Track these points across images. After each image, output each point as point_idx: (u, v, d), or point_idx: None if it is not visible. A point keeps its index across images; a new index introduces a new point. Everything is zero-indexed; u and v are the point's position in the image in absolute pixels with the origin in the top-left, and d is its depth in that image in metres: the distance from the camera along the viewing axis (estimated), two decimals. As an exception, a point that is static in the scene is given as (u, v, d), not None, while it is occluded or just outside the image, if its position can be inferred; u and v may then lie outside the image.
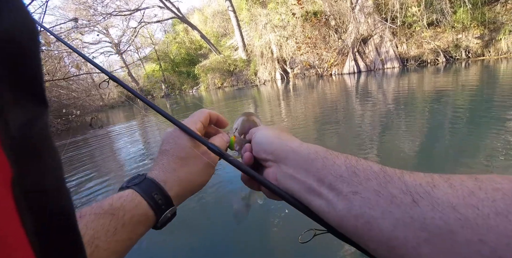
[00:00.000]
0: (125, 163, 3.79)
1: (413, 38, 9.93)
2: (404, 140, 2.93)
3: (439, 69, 8.26)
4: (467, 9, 8.59)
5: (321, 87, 8.64)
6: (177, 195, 0.38)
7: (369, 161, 0.27)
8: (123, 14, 18.14)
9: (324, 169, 0.28)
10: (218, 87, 16.46)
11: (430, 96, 4.84)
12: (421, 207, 0.21)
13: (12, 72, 0.13)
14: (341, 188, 0.26)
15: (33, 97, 0.14)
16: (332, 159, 0.29)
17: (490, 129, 2.84)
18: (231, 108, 7.52)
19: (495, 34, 8.56)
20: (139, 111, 12.66)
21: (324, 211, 0.27)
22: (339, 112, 4.73)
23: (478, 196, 0.20)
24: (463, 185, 0.21)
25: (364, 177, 0.25)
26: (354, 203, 0.24)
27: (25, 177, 0.13)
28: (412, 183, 0.23)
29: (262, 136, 0.38)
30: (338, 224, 0.26)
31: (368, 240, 0.23)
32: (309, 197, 0.29)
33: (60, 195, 0.16)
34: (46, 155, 0.15)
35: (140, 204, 0.35)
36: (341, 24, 11.43)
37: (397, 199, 0.22)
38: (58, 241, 0.15)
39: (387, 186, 0.24)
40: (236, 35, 16.54)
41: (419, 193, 0.22)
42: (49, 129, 0.16)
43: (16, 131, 0.13)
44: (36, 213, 0.14)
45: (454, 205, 0.20)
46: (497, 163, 2.15)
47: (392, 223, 0.22)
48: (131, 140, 5.65)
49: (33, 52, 0.14)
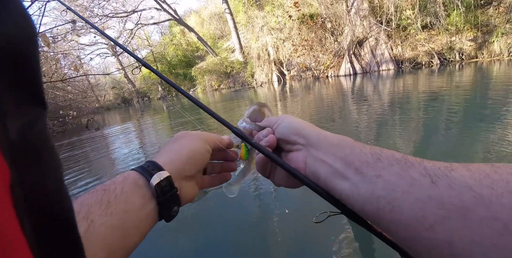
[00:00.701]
0: (121, 163, 3.78)
1: (408, 40, 10.05)
2: (400, 140, 2.97)
3: (434, 71, 8.37)
4: (460, 12, 8.72)
5: (318, 89, 8.70)
6: (168, 161, 0.38)
7: (391, 150, 0.29)
8: (120, 16, 18.13)
9: (351, 155, 0.30)
10: (215, 89, 16.48)
11: (425, 98, 4.90)
12: (439, 187, 0.22)
13: (11, 73, 0.13)
14: (366, 171, 0.28)
15: (32, 99, 0.14)
16: (359, 147, 0.31)
17: (483, 129, 2.89)
18: (227, 110, 7.53)
19: (488, 36, 8.70)
20: (136, 114, 12.63)
21: (348, 194, 0.29)
22: (336, 113, 4.78)
23: (493, 177, 0.21)
24: (480, 169, 0.22)
25: (387, 163, 0.27)
26: (377, 185, 0.26)
27: (24, 178, 0.13)
28: (431, 167, 0.24)
29: (294, 121, 0.40)
30: (360, 207, 0.27)
31: (389, 221, 0.25)
32: (334, 180, 0.31)
33: (60, 196, 0.16)
34: (46, 156, 0.15)
35: (130, 175, 0.35)
36: (337, 27, 11.54)
37: (416, 181, 0.24)
38: (57, 242, 0.15)
39: (408, 170, 0.25)
40: (233, 37, 16.60)
41: (438, 175, 0.23)
42: (48, 130, 0.16)
43: (15, 132, 0.13)
44: (36, 214, 0.14)
45: (471, 185, 0.21)
46: (490, 161, 2.19)
47: (412, 202, 0.23)
48: (127, 141, 5.63)
49: (32, 53, 0.14)
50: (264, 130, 0.42)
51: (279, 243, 1.58)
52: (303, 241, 1.57)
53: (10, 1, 0.13)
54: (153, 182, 0.34)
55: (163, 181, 0.35)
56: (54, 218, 0.15)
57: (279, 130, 0.40)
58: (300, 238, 1.60)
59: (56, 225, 0.15)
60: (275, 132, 0.41)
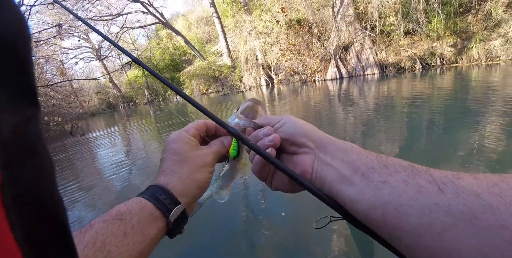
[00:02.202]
0: (106, 167, 3.69)
1: (392, 46, 10.35)
2: (385, 141, 3.04)
3: (416, 76, 8.64)
4: (441, 19, 9.07)
5: (305, 93, 8.81)
6: (181, 192, 0.38)
7: (397, 158, 0.29)
8: (105, 19, 17.81)
9: (358, 160, 0.30)
10: (203, 93, 16.39)
11: (408, 101, 5.04)
12: (446, 194, 0.22)
13: (4, 71, 0.13)
14: (372, 177, 0.28)
15: (26, 97, 0.14)
16: (365, 153, 0.31)
17: (463, 130, 3.01)
18: (215, 113, 7.48)
19: (467, 42, 9.08)
20: (121, 119, 12.38)
21: (353, 199, 0.28)
22: (323, 116, 4.84)
23: (501, 186, 0.21)
24: (487, 178, 0.22)
25: (393, 169, 0.27)
26: (383, 191, 0.26)
27: (16, 180, 0.13)
28: (438, 175, 0.24)
29: (300, 122, 0.38)
30: (365, 213, 0.27)
31: (394, 228, 0.24)
32: (340, 186, 0.30)
33: (53, 199, 0.16)
34: (39, 156, 0.15)
35: (146, 206, 0.35)
36: (323, 32, 11.75)
37: (423, 188, 0.24)
38: (50, 246, 0.15)
39: (414, 177, 0.25)
40: (221, 41, 16.60)
41: (445, 182, 0.23)
42: (41, 131, 0.15)
43: (8, 131, 0.12)
44: (28, 217, 0.13)
45: (478, 193, 0.21)
46: (471, 159, 2.29)
47: (419, 209, 0.23)
48: (112, 145, 5.51)
49: (25, 52, 0.14)
50: (265, 128, 0.39)
51: (277, 250, 1.56)
52: (302, 248, 1.55)
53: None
54: (171, 219, 0.36)
55: (179, 216, 0.36)
56: (47, 219, 0.15)
57: (285, 130, 0.38)
58: (299, 244, 1.57)
59: (49, 226, 0.15)
60: (277, 131, 0.39)
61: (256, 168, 0.39)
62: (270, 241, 1.63)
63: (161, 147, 4.68)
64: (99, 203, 2.64)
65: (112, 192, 2.92)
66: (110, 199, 2.68)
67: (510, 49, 8.15)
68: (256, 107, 0.48)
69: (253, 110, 0.48)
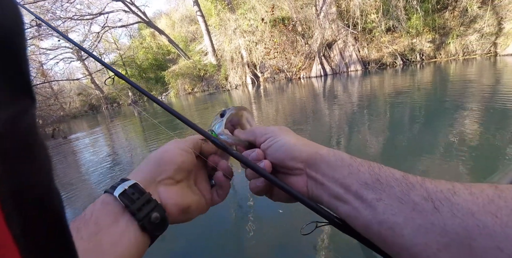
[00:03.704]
0: (91, 170, 3.61)
1: (373, 42, 10.56)
2: (370, 136, 3.11)
3: (397, 71, 8.86)
4: (419, 16, 9.34)
5: (291, 91, 8.87)
6: (135, 171, 0.36)
7: (391, 168, 0.28)
8: (85, 18, 17.32)
9: (349, 176, 0.29)
10: (188, 93, 16.21)
11: (390, 96, 5.17)
12: (442, 213, 0.22)
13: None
14: (366, 195, 0.27)
15: (21, 89, 0.14)
16: (356, 166, 0.30)
17: (443, 122, 3.12)
18: (201, 112, 7.46)
19: (444, 38, 9.39)
20: (105, 120, 12.09)
21: (350, 216, 0.28)
22: (309, 113, 4.90)
23: (498, 204, 0.20)
24: (483, 193, 0.22)
25: (386, 184, 0.26)
26: (378, 209, 0.25)
27: (12, 175, 0.13)
28: (433, 190, 0.24)
29: (287, 141, 0.36)
30: (363, 230, 0.27)
31: (391, 245, 0.24)
32: (335, 203, 0.30)
33: (50, 194, 0.15)
34: (36, 150, 0.14)
35: (100, 197, 0.33)
36: (307, 30, 11.85)
37: (418, 206, 0.23)
38: (47, 242, 0.15)
39: (409, 193, 0.24)
40: (205, 40, 16.47)
41: (440, 199, 0.23)
42: (37, 125, 0.15)
43: (2, 123, 0.12)
44: (25, 212, 0.13)
45: (474, 212, 0.20)
46: (451, 149, 2.38)
47: (414, 229, 0.23)
48: (95, 147, 5.38)
49: (20, 42, 0.14)
50: (253, 152, 0.38)
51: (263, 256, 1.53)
52: (290, 253, 1.52)
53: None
54: (116, 193, 0.32)
55: (129, 189, 0.33)
56: (44, 214, 0.15)
57: (272, 153, 0.37)
58: (287, 250, 1.54)
59: (45, 219, 0.15)
60: (266, 154, 0.37)
61: (254, 189, 0.38)
62: (257, 247, 1.60)
63: (146, 147, 4.61)
64: (79, 203, 2.58)
65: (93, 193, 2.86)
66: (90, 201, 2.62)
67: (485, 44, 8.49)
68: (241, 113, 0.46)
69: (239, 117, 0.46)
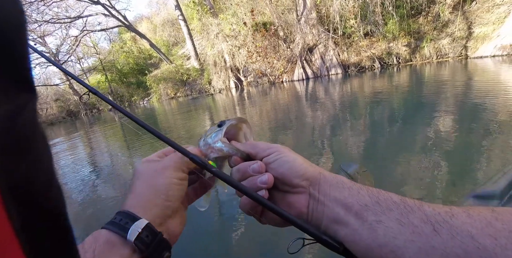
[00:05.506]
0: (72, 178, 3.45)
1: (353, 47, 10.87)
2: (351, 136, 3.16)
3: (376, 74, 9.15)
4: (395, 21, 9.73)
5: (274, 94, 8.94)
6: (141, 205, 0.34)
7: (389, 192, 0.28)
8: (63, 22, 16.79)
9: (350, 197, 0.29)
10: (171, 98, 15.97)
11: (370, 97, 5.31)
12: (441, 235, 0.22)
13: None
14: (366, 216, 0.27)
15: (21, 84, 0.14)
16: (356, 189, 0.30)
17: (420, 121, 3.22)
18: (185, 117, 7.35)
19: (419, 42, 9.81)
20: (84, 126, 11.70)
21: (350, 240, 0.28)
22: (292, 115, 4.94)
23: (496, 226, 0.20)
24: (481, 215, 0.22)
25: (386, 207, 0.26)
26: (378, 232, 0.25)
27: (12, 170, 0.12)
28: (431, 213, 0.23)
29: (294, 159, 0.35)
30: (364, 254, 0.26)
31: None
32: (335, 226, 0.29)
33: (51, 189, 0.15)
34: (36, 145, 0.14)
35: (100, 234, 0.30)
36: (289, 34, 12.04)
37: (418, 228, 0.23)
38: (48, 237, 0.15)
39: (408, 216, 0.25)
40: (188, 45, 16.36)
41: (439, 222, 0.22)
42: (38, 118, 0.15)
43: (1, 118, 0.12)
44: (25, 208, 0.13)
45: (473, 234, 0.21)
46: (428, 147, 2.45)
47: (415, 252, 0.22)
48: (76, 154, 5.17)
49: (21, 38, 0.13)
50: (255, 163, 0.35)
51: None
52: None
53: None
54: (131, 238, 0.30)
55: (143, 232, 0.31)
56: (44, 209, 0.14)
57: (276, 167, 0.35)
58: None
59: (46, 216, 0.15)
60: (269, 168, 0.35)
61: (246, 208, 0.36)
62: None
63: (129, 154, 4.48)
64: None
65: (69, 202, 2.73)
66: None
67: (456, 47, 8.93)
68: (240, 125, 0.43)
69: (237, 129, 0.43)
